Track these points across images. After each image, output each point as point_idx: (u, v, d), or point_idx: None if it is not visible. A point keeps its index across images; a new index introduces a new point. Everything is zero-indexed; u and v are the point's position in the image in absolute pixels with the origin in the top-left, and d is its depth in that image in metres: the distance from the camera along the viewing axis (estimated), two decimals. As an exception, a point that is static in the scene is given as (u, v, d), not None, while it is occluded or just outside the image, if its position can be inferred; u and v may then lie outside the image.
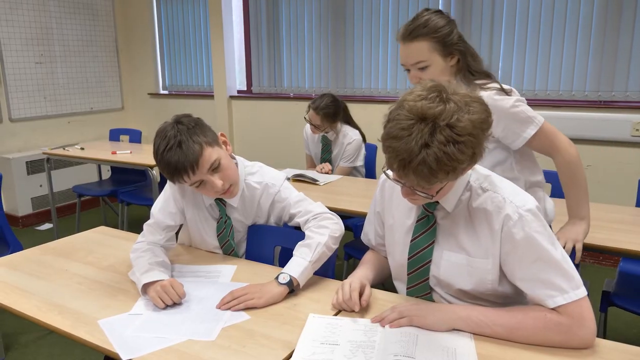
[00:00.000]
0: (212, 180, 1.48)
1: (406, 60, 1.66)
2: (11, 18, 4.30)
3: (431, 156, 1.02)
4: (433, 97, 1.06)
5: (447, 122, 1.03)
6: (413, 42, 1.62)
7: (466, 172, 1.16)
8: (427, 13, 1.64)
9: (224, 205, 1.65)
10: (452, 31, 1.63)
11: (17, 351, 2.53)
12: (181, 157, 1.42)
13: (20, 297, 1.41)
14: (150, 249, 1.56)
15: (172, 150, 1.42)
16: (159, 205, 1.67)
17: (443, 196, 1.20)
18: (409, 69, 1.68)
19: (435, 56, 1.62)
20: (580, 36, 3.26)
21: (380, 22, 3.94)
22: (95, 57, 5.01)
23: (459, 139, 1.03)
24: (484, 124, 1.07)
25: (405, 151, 1.04)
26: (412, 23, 1.63)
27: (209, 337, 1.20)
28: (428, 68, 1.63)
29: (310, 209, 1.61)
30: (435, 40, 1.61)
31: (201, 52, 4.95)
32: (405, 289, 1.36)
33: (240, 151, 4.79)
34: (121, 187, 3.96)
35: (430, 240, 1.28)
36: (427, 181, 1.07)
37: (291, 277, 1.38)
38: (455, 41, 1.63)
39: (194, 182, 1.48)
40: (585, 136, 3.26)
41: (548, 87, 3.42)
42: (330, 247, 1.51)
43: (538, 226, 1.14)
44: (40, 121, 4.62)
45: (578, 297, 1.10)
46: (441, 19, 1.63)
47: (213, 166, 1.48)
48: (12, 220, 4.40)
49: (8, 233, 2.59)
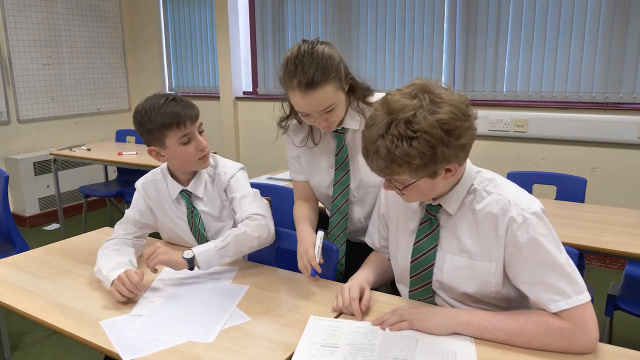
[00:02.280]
0: (199, 138, 1.59)
1: (314, 108, 1.42)
2: (19, 20, 4.34)
3: (383, 148, 1.08)
4: (407, 92, 1.10)
5: (404, 117, 1.06)
6: (317, 90, 1.38)
7: (440, 172, 1.12)
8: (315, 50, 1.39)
9: (189, 196, 1.69)
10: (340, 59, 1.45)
11: (23, 351, 2.55)
12: (185, 107, 1.55)
13: (25, 297, 1.43)
14: (118, 249, 1.61)
15: (175, 101, 1.55)
16: (131, 205, 1.77)
17: (415, 194, 1.17)
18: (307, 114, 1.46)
19: (340, 94, 1.45)
20: (587, 36, 3.24)
21: (387, 24, 3.93)
22: (103, 59, 5.04)
23: (412, 135, 1.05)
24: (446, 125, 1.06)
25: (367, 139, 1.12)
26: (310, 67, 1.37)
27: (207, 339, 1.20)
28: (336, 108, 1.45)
29: (247, 210, 1.61)
30: (337, 79, 1.41)
31: (207, 54, 4.96)
32: (408, 292, 1.36)
33: (246, 152, 4.80)
34: (127, 188, 3.98)
35: (433, 243, 1.27)
36: (384, 172, 1.12)
37: (194, 255, 1.47)
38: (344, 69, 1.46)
39: (187, 133, 1.55)
40: (592, 138, 3.24)
41: (555, 88, 3.40)
42: (243, 243, 1.53)
43: (543, 229, 1.13)
44: (47, 122, 4.65)
45: (581, 302, 1.09)
46: (330, 49, 1.43)
47: (200, 128, 1.61)
48: (19, 221, 4.44)
49: (15, 233, 2.61)
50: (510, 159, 3.53)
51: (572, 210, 2.18)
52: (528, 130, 3.43)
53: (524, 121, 3.43)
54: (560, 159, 3.39)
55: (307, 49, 1.38)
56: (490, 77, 3.60)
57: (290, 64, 1.38)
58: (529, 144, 3.48)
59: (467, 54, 3.66)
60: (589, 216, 2.10)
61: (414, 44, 3.85)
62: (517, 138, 3.50)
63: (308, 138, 1.64)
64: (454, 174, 1.16)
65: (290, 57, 1.39)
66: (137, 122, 1.58)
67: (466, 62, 3.68)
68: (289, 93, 1.43)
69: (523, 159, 3.50)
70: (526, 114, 3.43)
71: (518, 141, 3.51)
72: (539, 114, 3.39)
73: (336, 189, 1.64)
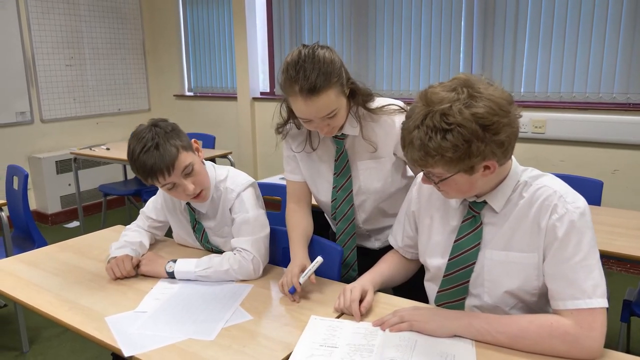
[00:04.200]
0: (184, 183, 1.51)
1: (317, 114, 1.39)
2: (43, 22, 4.44)
3: (417, 139, 1.08)
4: (448, 86, 1.10)
5: (440, 109, 1.05)
6: (320, 96, 1.34)
7: (478, 169, 1.10)
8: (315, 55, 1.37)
9: (194, 211, 1.69)
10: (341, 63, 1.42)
11: (40, 345, 2.61)
12: (158, 159, 1.45)
13: (36, 293, 1.46)
14: (137, 231, 1.76)
15: (149, 152, 1.45)
16: (152, 198, 1.83)
17: (452, 189, 1.16)
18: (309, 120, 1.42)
19: (342, 99, 1.42)
20: (608, 35, 3.16)
21: (403, 23, 3.91)
22: (123, 60, 5.13)
23: (446, 127, 1.05)
24: (482, 119, 1.05)
25: (404, 130, 1.12)
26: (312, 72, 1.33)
27: (208, 337, 1.21)
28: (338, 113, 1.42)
29: (240, 242, 1.56)
30: (339, 84, 1.39)
31: (225, 55, 5.01)
32: (436, 292, 1.32)
33: (262, 153, 4.83)
34: (145, 187, 4.04)
35: (475, 241, 1.23)
36: (418, 164, 1.12)
37: (174, 271, 1.55)
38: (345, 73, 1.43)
39: (167, 183, 1.51)
40: (613, 140, 3.16)
41: (574, 89, 3.33)
42: (223, 277, 1.52)
43: (582, 226, 1.10)
44: (69, 122, 4.76)
45: (595, 305, 1.07)
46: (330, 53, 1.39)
47: (187, 170, 1.51)
48: (42, 218, 4.55)
49: (33, 230, 2.68)
50: (528, 161, 3.44)
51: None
52: (546, 132, 3.37)
53: (542, 122, 3.37)
54: (580, 160, 3.32)
55: (308, 54, 1.34)
56: (508, 77, 3.55)
57: (291, 69, 1.34)
58: (547, 145, 3.42)
59: (484, 54, 3.62)
60: (604, 219, 2.05)
61: (431, 45, 3.82)
62: (535, 139, 3.44)
63: (306, 143, 1.61)
64: (493, 172, 1.13)
65: (291, 62, 1.35)
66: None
67: (483, 62, 3.64)
68: (290, 99, 1.38)
69: (542, 160, 3.44)
70: (544, 114, 3.37)
71: (536, 142, 3.45)
72: (558, 115, 3.33)
73: (339, 195, 1.61)
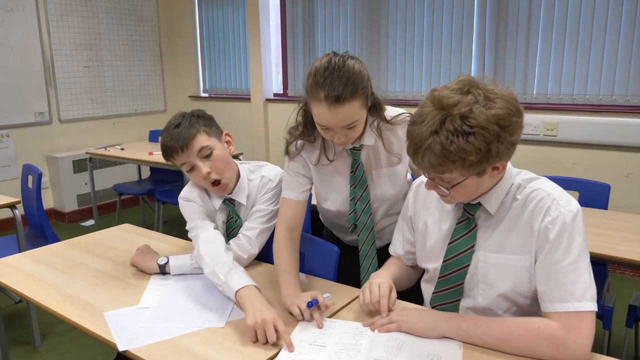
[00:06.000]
0: (199, 165, 1.55)
1: (338, 123, 1.36)
2: (62, 24, 4.55)
3: (437, 144, 1.04)
4: (457, 88, 1.08)
5: (460, 112, 1.04)
6: (345, 106, 1.32)
7: (488, 170, 1.11)
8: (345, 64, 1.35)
9: (233, 204, 1.67)
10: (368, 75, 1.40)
11: (52, 340, 2.68)
12: (175, 136, 1.53)
13: (40, 288, 1.51)
14: (225, 246, 1.54)
15: (168, 130, 1.55)
16: (185, 214, 1.68)
17: (461, 193, 1.16)
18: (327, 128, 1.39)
19: (363, 111, 1.41)
20: (622, 37, 3.12)
21: (415, 26, 3.90)
22: (140, 61, 5.22)
23: (469, 130, 1.03)
24: (502, 120, 1.05)
25: (417, 136, 1.08)
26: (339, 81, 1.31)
27: (218, 324, 1.29)
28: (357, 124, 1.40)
29: (253, 226, 1.61)
30: (363, 96, 1.37)
31: (239, 56, 5.06)
32: (432, 293, 1.32)
33: (276, 154, 4.86)
34: (159, 187, 4.11)
35: (469, 244, 1.24)
36: (435, 170, 1.09)
37: (167, 263, 1.57)
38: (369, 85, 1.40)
39: (182, 162, 1.56)
40: (627, 143, 3.11)
41: (587, 91, 3.28)
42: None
43: (574, 229, 1.11)
44: (87, 122, 4.86)
45: (584, 309, 1.06)
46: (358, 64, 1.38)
47: (204, 153, 1.55)
48: (59, 216, 4.66)
49: (46, 227, 2.75)
50: (539, 164, 3.43)
51: (594, 218, 2.10)
52: (559, 134, 3.33)
53: (554, 125, 3.33)
54: (593, 163, 3.27)
55: (338, 62, 1.32)
56: (520, 79, 3.52)
57: (319, 75, 1.32)
58: (559, 148, 3.38)
59: (496, 55, 3.59)
60: (610, 224, 2.03)
61: (442, 46, 3.81)
62: (547, 142, 3.40)
63: (321, 155, 1.56)
64: (500, 172, 1.14)
65: (320, 67, 1.33)
66: None
67: (496, 64, 3.61)
68: (313, 104, 1.35)
69: (554, 163, 3.40)
70: (557, 117, 3.33)
71: (548, 145, 3.41)
72: (571, 117, 3.29)
73: (358, 206, 1.58)
